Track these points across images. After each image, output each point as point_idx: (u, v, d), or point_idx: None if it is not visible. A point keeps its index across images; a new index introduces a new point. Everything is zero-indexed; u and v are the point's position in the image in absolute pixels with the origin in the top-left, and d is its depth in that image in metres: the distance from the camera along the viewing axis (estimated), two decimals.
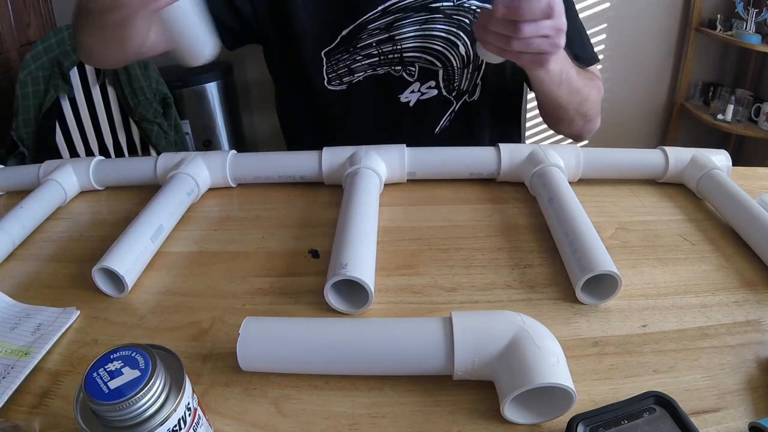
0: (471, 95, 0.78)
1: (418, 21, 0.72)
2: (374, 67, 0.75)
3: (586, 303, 0.47)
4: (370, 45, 0.73)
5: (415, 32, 0.72)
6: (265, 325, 0.40)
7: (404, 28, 0.72)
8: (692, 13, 2.08)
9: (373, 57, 0.74)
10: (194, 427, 0.31)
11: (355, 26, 0.72)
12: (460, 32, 0.72)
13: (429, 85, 0.76)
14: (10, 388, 0.39)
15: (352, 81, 0.76)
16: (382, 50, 0.74)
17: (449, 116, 0.80)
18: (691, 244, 0.55)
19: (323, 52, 0.74)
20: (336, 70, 0.75)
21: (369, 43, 0.73)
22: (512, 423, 0.36)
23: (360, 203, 0.55)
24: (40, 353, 0.42)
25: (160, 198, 0.59)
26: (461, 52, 0.74)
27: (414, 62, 0.74)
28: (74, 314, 0.47)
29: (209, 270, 0.53)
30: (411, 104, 0.78)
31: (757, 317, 0.45)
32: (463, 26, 0.72)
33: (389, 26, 0.72)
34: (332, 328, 0.40)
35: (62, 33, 1.58)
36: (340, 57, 0.74)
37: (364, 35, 0.72)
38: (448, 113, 0.79)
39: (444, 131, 0.80)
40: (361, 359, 0.39)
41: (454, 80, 0.76)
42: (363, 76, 0.75)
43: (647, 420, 0.33)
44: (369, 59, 0.74)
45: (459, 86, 0.77)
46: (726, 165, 0.64)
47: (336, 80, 0.76)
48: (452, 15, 0.72)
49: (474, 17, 0.72)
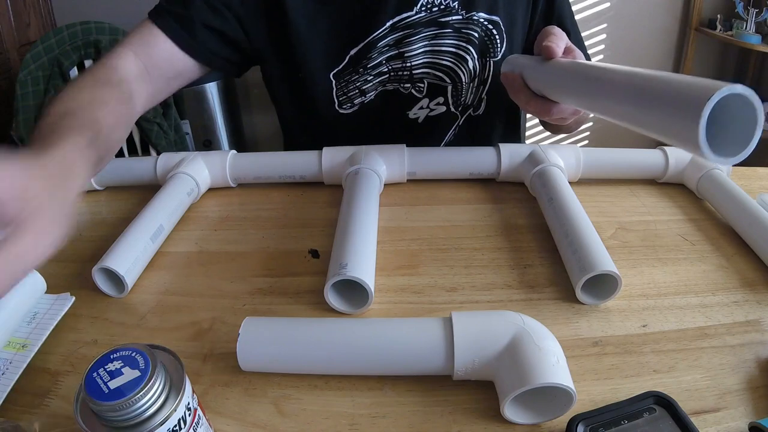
0: (476, 109, 0.77)
1: (427, 36, 0.70)
2: (384, 83, 0.73)
3: (586, 303, 0.47)
4: (381, 63, 0.71)
5: (424, 48, 0.70)
6: (265, 325, 0.40)
7: (413, 44, 0.70)
8: (692, 13, 2.08)
9: (383, 75, 0.72)
10: (194, 427, 0.31)
11: (364, 45, 0.69)
12: (468, 46, 0.71)
13: (438, 102, 0.75)
14: (9, 385, 0.39)
15: (363, 102, 0.74)
16: (392, 67, 0.71)
17: (454, 130, 0.79)
18: (691, 244, 0.55)
19: (332, 74, 0.71)
20: (347, 92, 0.72)
21: (379, 61, 0.71)
22: (512, 423, 0.36)
23: (360, 203, 0.55)
24: (37, 345, 0.42)
25: (160, 198, 0.59)
26: (469, 67, 0.72)
27: (423, 78, 0.73)
28: (69, 301, 0.47)
29: (209, 270, 0.53)
30: (420, 120, 0.76)
31: (757, 317, 0.45)
32: (472, 40, 0.71)
33: (399, 42, 0.69)
34: (332, 328, 0.40)
35: (62, 33, 1.58)
36: (350, 78, 0.71)
37: (374, 54, 0.70)
38: (453, 127, 0.78)
39: (448, 144, 0.80)
40: (361, 359, 0.39)
41: (462, 95, 0.75)
42: (374, 95, 0.73)
43: (647, 420, 0.33)
44: (380, 77, 0.72)
45: (465, 101, 0.76)
46: (726, 165, 0.64)
47: (347, 103, 0.73)
48: (461, 29, 0.70)
49: (482, 31, 0.71)
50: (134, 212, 0.57)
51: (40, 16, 1.97)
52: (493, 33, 0.71)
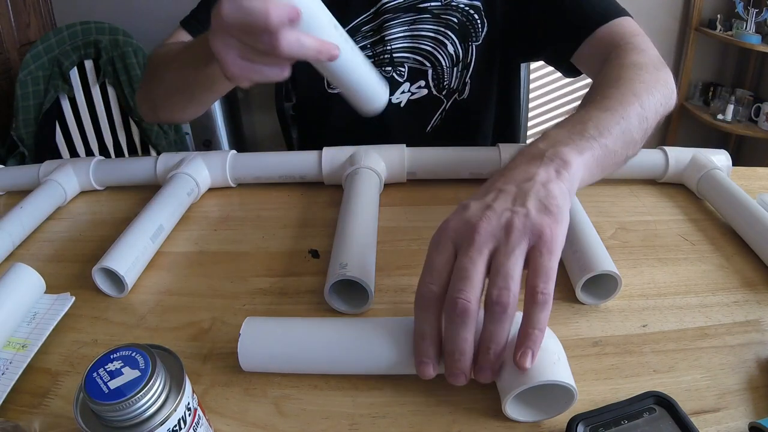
0: (461, 94, 0.78)
1: (406, 21, 0.72)
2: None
3: (586, 303, 0.47)
4: (365, 47, 0.74)
5: (404, 33, 0.72)
6: (265, 325, 0.40)
7: (393, 28, 0.72)
8: (692, 13, 2.08)
9: (368, 58, 0.74)
10: (194, 427, 0.31)
11: (349, 29, 0.71)
12: (448, 31, 0.72)
13: (419, 85, 0.76)
14: (9, 385, 0.39)
15: None
16: (375, 51, 0.74)
17: (440, 115, 0.80)
18: (691, 244, 0.55)
19: None
20: None
21: (364, 45, 0.73)
22: (513, 421, 0.36)
23: (360, 203, 0.55)
24: (37, 345, 0.42)
25: (160, 198, 0.59)
26: (449, 51, 0.74)
27: (403, 62, 0.75)
28: (69, 301, 0.47)
29: (209, 270, 0.53)
30: (402, 104, 0.78)
31: (757, 317, 0.45)
32: (451, 25, 0.72)
33: (380, 27, 0.72)
34: (333, 327, 0.40)
35: (62, 33, 1.58)
36: None
37: (358, 37, 0.73)
38: (439, 112, 0.79)
39: (436, 130, 0.80)
40: (362, 359, 0.39)
41: (444, 79, 0.76)
42: None
43: (647, 420, 0.33)
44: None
45: (449, 85, 0.77)
46: (726, 165, 0.64)
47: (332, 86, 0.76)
48: (440, 14, 0.72)
49: (462, 16, 0.72)
50: (134, 212, 0.57)
51: (40, 16, 1.97)
52: (474, 17, 0.72)
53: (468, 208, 0.36)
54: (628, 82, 0.48)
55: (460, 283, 0.33)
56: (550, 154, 0.38)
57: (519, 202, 0.35)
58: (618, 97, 0.45)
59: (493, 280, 0.33)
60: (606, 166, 0.43)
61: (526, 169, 0.38)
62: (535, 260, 0.34)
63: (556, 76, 2.10)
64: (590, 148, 0.40)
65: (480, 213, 0.35)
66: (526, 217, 0.34)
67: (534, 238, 0.34)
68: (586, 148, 0.40)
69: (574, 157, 0.39)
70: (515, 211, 0.35)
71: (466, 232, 0.35)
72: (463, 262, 0.34)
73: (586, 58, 0.63)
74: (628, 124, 0.44)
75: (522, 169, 0.38)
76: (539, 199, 0.35)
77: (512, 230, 0.34)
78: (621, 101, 0.45)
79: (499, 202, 0.36)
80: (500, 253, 0.34)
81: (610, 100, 0.45)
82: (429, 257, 0.36)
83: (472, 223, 0.35)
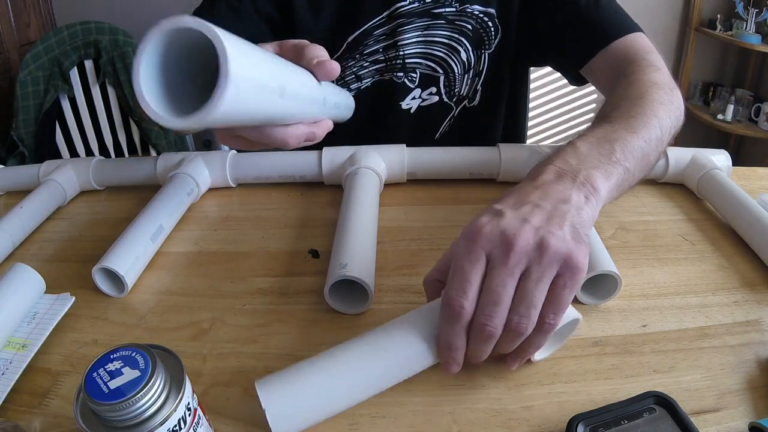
0: (471, 101, 0.78)
1: (420, 26, 0.71)
2: (381, 72, 0.74)
3: (586, 303, 0.47)
4: (377, 51, 0.73)
5: (417, 38, 0.71)
6: (283, 386, 0.34)
7: (407, 33, 0.71)
8: (692, 13, 2.08)
9: (380, 63, 0.73)
10: (194, 427, 0.31)
11: (362, 32, 0.71)
12: (461, 38, 0.71)
13: (430, 92, 0.76)
14: (9, 385, 0.39)
15: (360, 88, 0.75)
16: (387, 56, 0.73)
17: (449, 122, 0.79)
18: (691, 244, 0.55)
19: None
20: (343, 76, 0.74)
21: (375, 48, 0.72)
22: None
23: (360, 203, 0.55)
24: (37, 345, 0.42)
25: (160, 198, 0.59)
26: (462, 58, 0.73)
27: (415, 68, 0.74)
28: (69, 301, 0.47)
29: (209, 270, 0.53)
30: (412, 111, 0.77)
31: (757, 317, 0.45)
32: (465, 32, 0.71)
33: (393, 32, 0.71)
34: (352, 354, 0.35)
35: (62, 33, 1.58)
36: (347, 64, 0.73)
37: (370, 41, 0.72)
38: (447, 119, 0.79)
39: (444, 136, 0.80)
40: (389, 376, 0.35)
41: (455, 86, 0.76)
42: (370, 82, 0.75)
43: (647, 420, 0.34)
44: (376, 65, 0.73)
45: (459, 92, 0.76)
46: (726, 165, 0.64)
47: (343, 87, 0.75)
48: (454, 21, 0.71)
49: (476, 23, 0.71)
50: (134, 212, 0.57)
51: (40, 16, 1.97)
52: (487, 25, 0.72)
53: (503, 216, 0.35)
54: (650, 102, 0.48)
55: (489, 308, 0.33)
56: (582, 178, 0.38)
57: (556, 224, 0.34)
58: (642, 118, 0.46)
59: (516, 306, 0.33)
60: (623, 189, 0.43)
61: (560, 188, 0.37)
62: (556, 291, 0.33)
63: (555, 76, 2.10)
64: (616, 174, 0.40)
65: (517, 225, 0.34)
66: (562, 241, 0.33)
67: (563, 265, 0.33)
68: (613, 174, 0.40)
69: (603, 183, 0.39)
70: (552, 233, 0.34)
71: (502, 245, 0.33)
72: (495, 284, 0.33)
73: (597, 70, 0.64)
74: (649, 147, 0.44)
75: (556, 188, 0.37)
76: (573, 225, 0.35)
77: (546, 252, 0.33)
78: (645, 123, 0.45)
79: (535, 218, 0.35)
80: (530, 277, 0.33)
81: (636, 120, 0.45)
82: (460, 264, 0.34)
83: (508, 236, 0.33)
